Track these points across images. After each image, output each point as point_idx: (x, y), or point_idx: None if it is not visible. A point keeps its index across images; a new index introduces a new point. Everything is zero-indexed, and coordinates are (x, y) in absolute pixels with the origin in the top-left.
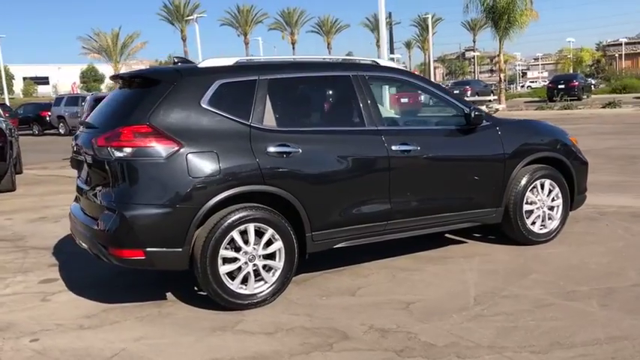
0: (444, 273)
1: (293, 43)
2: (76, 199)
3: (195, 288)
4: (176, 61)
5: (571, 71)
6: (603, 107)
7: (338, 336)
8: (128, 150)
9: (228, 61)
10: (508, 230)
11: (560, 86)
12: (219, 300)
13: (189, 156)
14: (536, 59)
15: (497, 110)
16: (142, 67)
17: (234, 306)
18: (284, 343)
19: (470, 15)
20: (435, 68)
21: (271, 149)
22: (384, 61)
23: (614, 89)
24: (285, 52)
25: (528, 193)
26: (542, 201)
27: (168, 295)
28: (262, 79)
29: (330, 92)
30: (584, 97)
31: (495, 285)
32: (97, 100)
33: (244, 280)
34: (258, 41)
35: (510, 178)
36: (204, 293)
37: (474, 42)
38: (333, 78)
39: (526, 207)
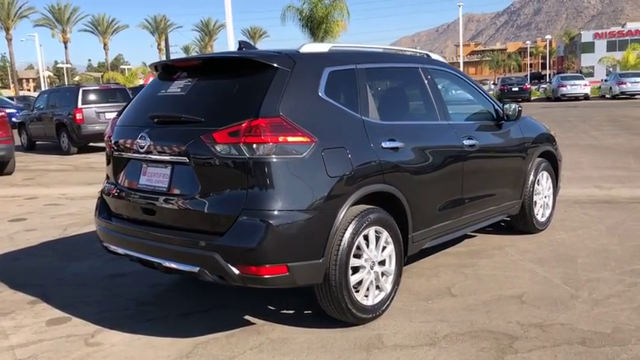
0: (503, 266)
1: (65, 42)
2: (106, 210)
3: (271, 307)
4: (241, 45)
5: None
6: None
7: (505, 337)
8: (265, 147)
9: (324, 47)
10: (520, 221)
11: None
12: (348, 316)
13: (325, 153)
14: None
15: None
16: None
17: (361, 321)
18: (464, 352)
19: (287, 24)
20: None
21: (385, 144)
22: (434, 55)
23: None
24: (57, 52)
25: (536, 185)
26: (543, 191)
27: (249, 318)
28: (359, 68)
29: (410, 84)
30: None
31: (564, 271)
32: None
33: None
34: (33, 38)
35: (527, 171)
36: (291, 311)
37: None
38: (410, 70)
39: (534, 197)
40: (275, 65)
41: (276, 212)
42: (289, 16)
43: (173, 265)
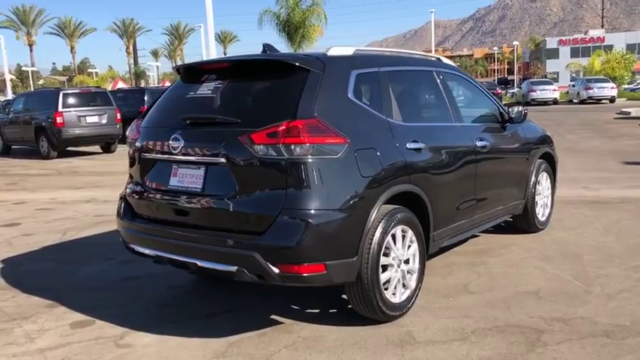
0: (513, 264)
1: (30, 45)
2: (130, 212)
3: (295, 307)
4: (265, 48)
5: None
6: None
7: (531, 332)
8: (303, 147)
9: (348, 50)
10: (523, 220)
11: None
12: (379, 314)
13: (357, 153)
14: None
15: None
16: None
17: (390, 319)
18: (495, 346)
19: (264, 29)
20: None
21: (409, 145)
22: (444, 59)
23: None
24: (21, 54)
25: (537, 185)
26: (543, 191)
27: (276, 317)
28: (382, 70)
29: (426, 87)
30: None
31: (571, 267)
32: None
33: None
34: None
35: (530, 172)
36: (316, 310)
37: (225, 54)
38: (425, 73)
39: (536, 198)
40: (307, 68)
41: (314, 211)
42: (266, 20)
43: (209, 265)
